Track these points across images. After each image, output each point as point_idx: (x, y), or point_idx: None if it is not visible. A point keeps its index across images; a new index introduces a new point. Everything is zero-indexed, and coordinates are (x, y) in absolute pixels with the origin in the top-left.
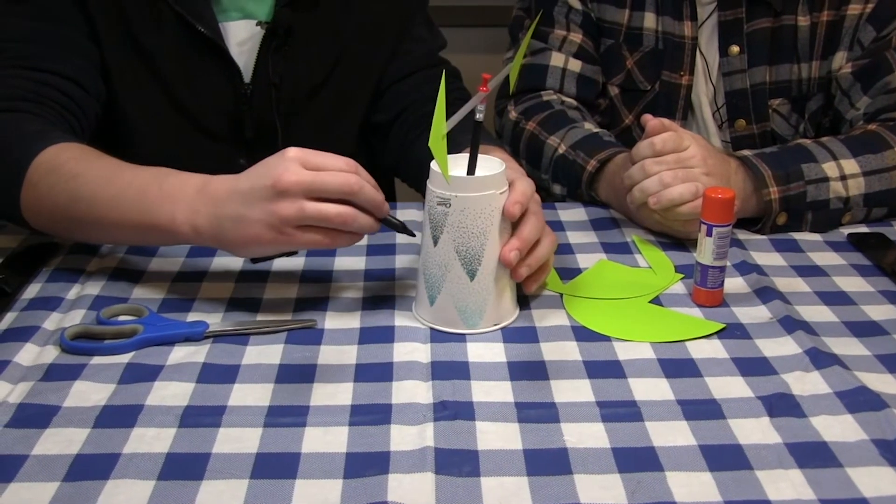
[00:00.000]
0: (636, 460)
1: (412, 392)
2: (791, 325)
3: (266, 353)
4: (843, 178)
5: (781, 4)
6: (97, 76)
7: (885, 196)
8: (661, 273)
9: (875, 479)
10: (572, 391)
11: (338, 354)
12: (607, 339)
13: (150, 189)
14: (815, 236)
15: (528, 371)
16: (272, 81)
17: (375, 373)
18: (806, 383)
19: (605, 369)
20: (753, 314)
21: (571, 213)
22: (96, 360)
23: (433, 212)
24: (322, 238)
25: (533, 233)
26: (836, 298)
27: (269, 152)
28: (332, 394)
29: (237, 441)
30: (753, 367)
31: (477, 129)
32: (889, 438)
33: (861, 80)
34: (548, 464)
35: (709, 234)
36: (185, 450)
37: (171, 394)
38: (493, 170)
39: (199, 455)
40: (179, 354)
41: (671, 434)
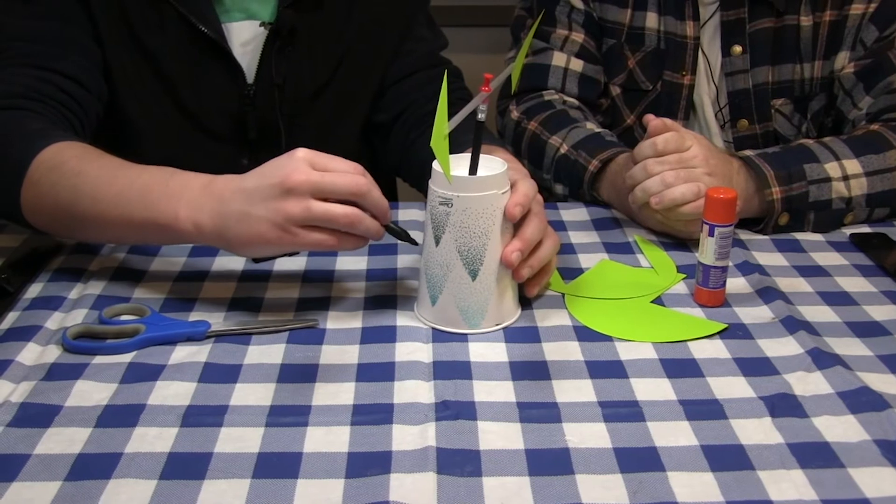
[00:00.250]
0: (638, 460)
1: (414, 392)
2: (793, 325)
3: (268, 353)
4: (846, 178)
5: (784, 4)
6: (99, 76)
7: (887, 196)
8: (663, 273)
9: (877, 480)
10: (574, 391)
11: (339, 354)
12: (609, 339)
13: (154, 186)
14: (818, 236)
15: (529, 371)
16: (275, 82)
17: (377, 372)
18: (808, 383)
19: (606, 369)
20: (755, 314)
21: (573, 213)
22: (98, 360)
23: (435, 212)
24: (327, 239)
25: (535, 234)
26: (838, 299)
27: (272, 153)
28: (333, 393)
29: (239, 441)
30: (755, 367)
31: (479, 128)
32: (891, 439)
33: (863, 79)
34: (549, 464)
35: (711, 234)
36: (186, 449)
37: (172, 393)
38: (494, 170)
39: (200, 455)
40: (181, 354)
41: (673, 434)
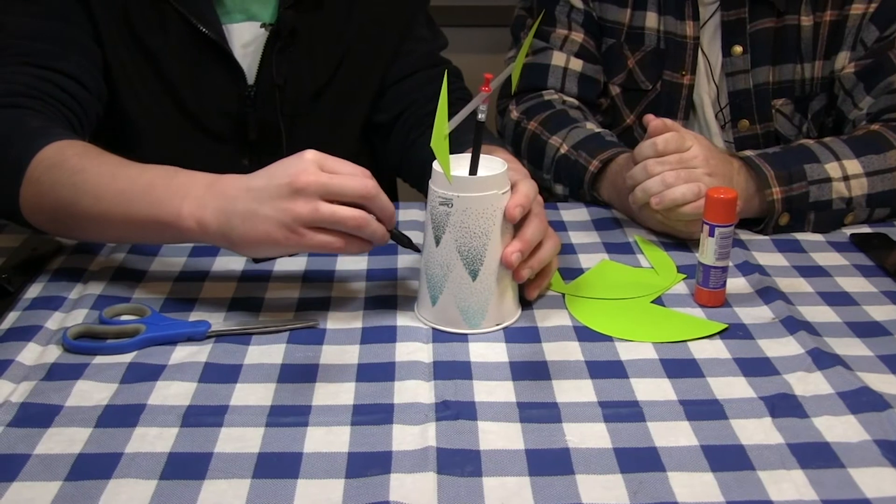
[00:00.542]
0: (638, 460)
1: (414, 392)
2: (793, 325)
3: (268, 353)
4: (846, 178)
5: (784, 4)
6: (99, 76)
7: (887, 196)
8: (664, 273)
9: (877, 480)
10: (574, 391)
11: (340, 354)
12: (609, 339)
13: (158, 184)
14: (818, 237)
15: (530, 371)
16: (276, 83)
17: (377, 373)
18: (808, 384)
19: (607, 369)
20: (756, 314)
21: (573, 214)
22: (98, 360)
23: (435, 212)
24: (333, 241)
25: (535, 234)
26: (838, 299)
27: (273, 154)
28: (334, 393)
29: (239, 441)
30: (755, 367)
31: (479, 128)
32: (892, 439)
33: (864, 80)
34: (550, 464)
35: (711, 234)
36: (187, 449)
37: (173, 393)
38: (495, 170)
39: (201, 455)
40: (181, 354)
41: (673, 434)
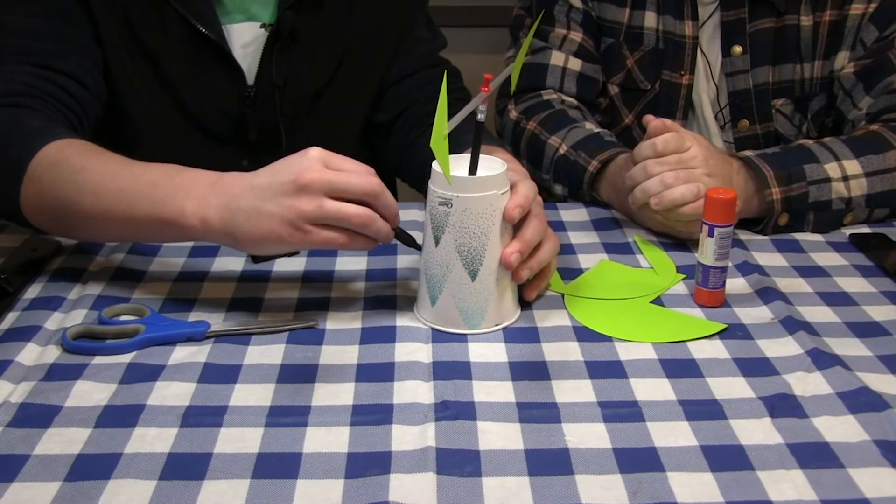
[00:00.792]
0: (637, 461)
1: (413, 392)
2: (793, 325)
3: (267, 354)
4: (846, 178)
5: (784, 4)
6: (99, 76)
7: (887, 197)
8: (663, 273)
9: (877, 480)
10: (574, 391)
11: (339, 354)
12: (609, 339)
13: (160, 182)
14: (817, 237)
15: (529, 371)
16: (276, 83)
17: (377, 373)
18: (807, 384)
19: (606, 370)
20: (755, 315)
21: (573, 214)
22: (98, 360)
23: (434, 212)
24: (338, 237)
25: (535, 235)
26: (837, 299)
27: (273, 154)
28: (333, 394)
29: (239, 441)
30: (755, 367)
31: (478, 129)
32: (891, 439)
33: (863, 80)
34: (549, 464)
35: (710, 234)
36: (186, 450)
37: (172, 394)
38: (494, 170)
39: (200, 455)
40: (181, 354)
41: (672, 434)
